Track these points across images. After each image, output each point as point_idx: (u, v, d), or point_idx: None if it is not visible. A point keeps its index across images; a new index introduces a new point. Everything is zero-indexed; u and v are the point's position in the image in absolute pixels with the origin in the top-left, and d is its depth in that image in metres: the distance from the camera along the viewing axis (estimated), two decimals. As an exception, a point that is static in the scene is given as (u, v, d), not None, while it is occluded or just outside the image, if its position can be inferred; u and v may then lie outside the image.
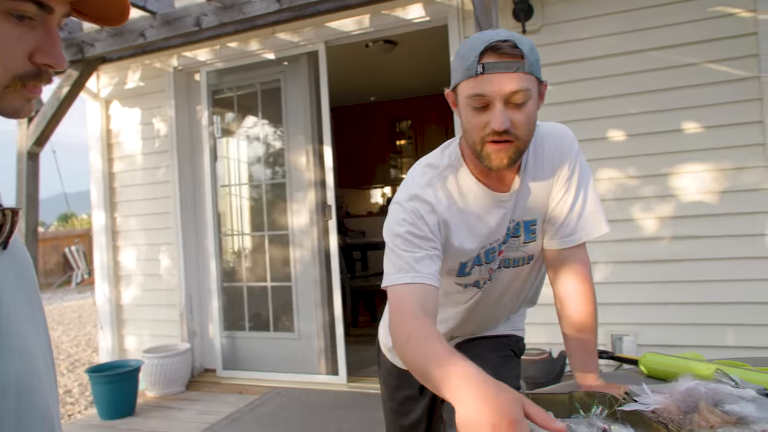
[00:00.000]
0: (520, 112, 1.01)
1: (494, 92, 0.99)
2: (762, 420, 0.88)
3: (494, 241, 1.19)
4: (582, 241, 1.21)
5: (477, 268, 1.21)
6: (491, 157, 1.04)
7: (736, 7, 2.85)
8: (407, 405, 1.48)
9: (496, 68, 0.98)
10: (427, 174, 1.15)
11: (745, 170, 2.84)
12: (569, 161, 1.19)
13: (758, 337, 2.83)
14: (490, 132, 1.01)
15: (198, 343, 4.21)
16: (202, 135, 4.19)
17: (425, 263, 1.06)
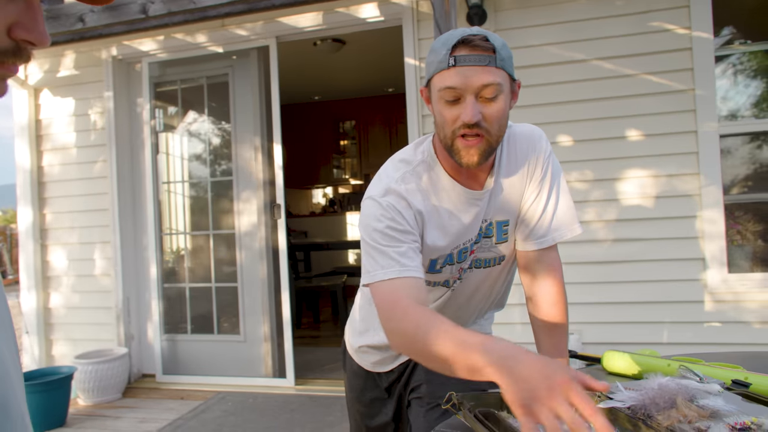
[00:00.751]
0: (490, 106, 1.01)
1: (465, 85, 1.00)
2: (732, 413, 0.92)
3: (467, 241, 1.18)
4: (555, 243, 1.23)
5: (448, 267, 1.20)
6: (461, 153, 1.04)
7: (672, 24, 3.02)
8: (374, 407, 1.45)
9: (468, 61, 0.99)
10: (400, 169, 1.14)
11: (681, 177, 3.01)
12: (542, 162, 1.20)
13: (688, 334, 3.02)
14: (461, 125, 1.02)
15: (136, 348, 4.00)
16: (142, 129, 4.00)
17: (410, 256, 1.05)
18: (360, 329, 1.40)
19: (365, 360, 1.41)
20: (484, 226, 1.19)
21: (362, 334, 1.39)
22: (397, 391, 1.40)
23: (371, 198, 1.11)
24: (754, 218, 3.11)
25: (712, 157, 2.96)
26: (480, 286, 1.29)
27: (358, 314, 1.42)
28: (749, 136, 3.12)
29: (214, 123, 4.01)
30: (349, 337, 1.47)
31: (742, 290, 2.95)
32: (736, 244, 3.08)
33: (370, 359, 1.39)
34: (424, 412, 1.27)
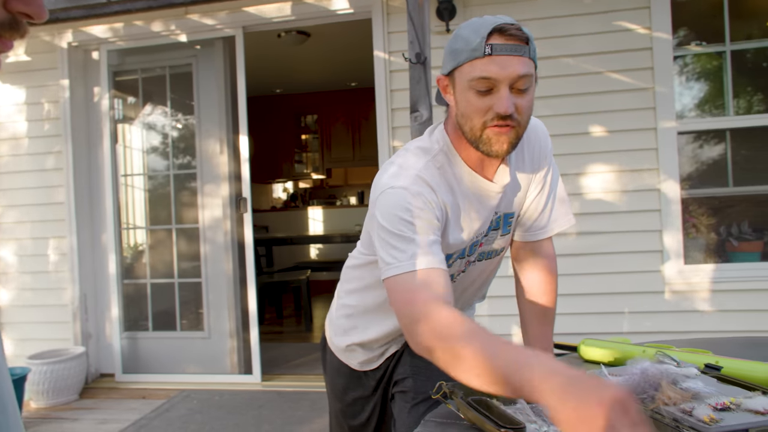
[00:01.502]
0: (523, 98, 0.99)
1: (501, 75, 0.96)
2: (712, 394, 0.96)
3: (480, 234, 1.17)
4: (552, 234, 1.26)
5: (458, 261, 1.18)
6: (491, 142, 1.01)
7: (634, 24, 3.12)
8: (357, 405, 1.42)
9: (504, 50, 0.96)
10: (421, 158, 1.09)
11: (642, 172, 3.12)
12: (546, 157, 1.21)
13: (647, 323, 3.14)
14: (494, 116, 0.99)
15: (93, 346, 3.86)
16: (100, 119, 3.84)
17: (437, 248, 1.00)
18: (346, 327, 1.36)
19: (352, 359, 1.37)
20: (494, 219, 1.18)
21: (348, 333, 1.35)
22: (381, 386, 1.38)
23: (399, 187, 1.03)
24: (707, 212, 3.26)
25: (671, 154, 3.08)
26: (478, 278, 1.30)
27: (343, 311, 1.37)
28: (702, 133, 3.26)
29: (177, 114, 3.90)
30: (332, 336, 1.42)
31: (697, 281, 3.09)
32: (691, 237, 3.22)
33: (358, 358, 1.36)
34: (410, 408, 1.26)
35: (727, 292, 3.06)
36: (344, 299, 1.37)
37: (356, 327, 1.34)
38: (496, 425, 0.88)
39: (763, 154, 3.33)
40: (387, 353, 1.34)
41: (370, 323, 1.31)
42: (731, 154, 3.21)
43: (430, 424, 1.05)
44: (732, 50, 3.18)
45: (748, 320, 3.02)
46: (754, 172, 3.29)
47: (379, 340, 1.31)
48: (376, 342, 1.32)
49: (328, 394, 1.50)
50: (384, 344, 1.33)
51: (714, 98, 3.29)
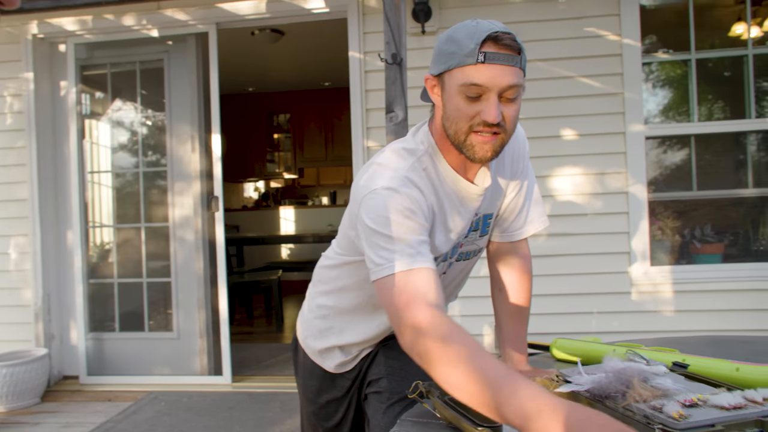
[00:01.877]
0: (511, 107, 1.00)
1: (492, 84, 0.97)
2: (681, 391, 0.99)
3: (461, 235, 1.18)
4: (528, 235, 1.28)
5: (442, 264, 1.19)
6: (475, 148, 1.01)
7: (605, 30, 3.19)
8: (330, 407, 1.40)
9: (497, 59, 0.96)
10: (407, 159, 1.08)
11: (610, 175, 3.19)
12: (523, 159, 1.23)
13: (614, 323, 3.21)
14: (480, 123, 0.99)
15: (57, 348, 3.75)
16: (67, 115, 3.74)
17: (425, 248, 0.99)
18: (321, 328, 1.34)
19: (328, 362, 1.35)
20: (475, 220, 1.19)
21: (324, 334, 1.33)
22: (354, 387, 1.37)
23: (386, 188, 1.02)
24: (672, 215, 3.35)
25: (638, 157, 3.16)
26: (455, 278, 1.30)
27: (318, 312, 1.35)
28: (669, 138, 3.35)
29: (147, 111, 3.82)
30: (305, 338, 1.39)
31: (662, 282, 3.18)
32: (657, 239, 3.31)
33: (335, 361, 1.34)
34: (385, 408, 1.25)
35: (691, 293, 3.15)
36: (319, 300, 1.35)
37: (332, 328, 1.32)
38: (473, 423, 0.88)
39: (725, 159, 3.45)
40: (362, 354, 1.34)
41: (346, 325, 1.30)
42: (695, 159, 3.31)
43: (406, 423, 1.05)
44: (697, 58, 3.29)
45: (711, 320, 3.12)
46: (716, 176, 3.41)
47: (359, 344, 1.30)
48: (355, 346, 1.31)
49: (300, 395, 1.47)
50: (362, 348, 1.32)
51: (679, 104, 3.39)
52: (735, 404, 0.91)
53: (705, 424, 0.85)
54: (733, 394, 0.94)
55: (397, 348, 1.19)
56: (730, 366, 1.15)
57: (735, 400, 0.92)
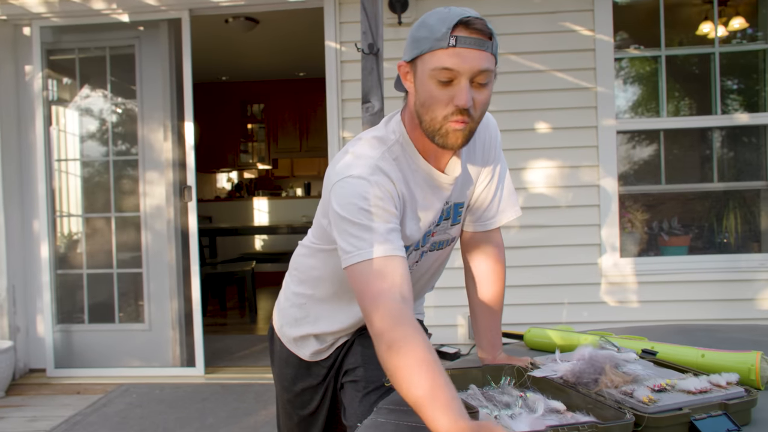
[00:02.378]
0: (481, 93, 1.00)
1: (463, 68, 0.97)
2: (650, 377, 1.02)
3: (432, 224, 1.18)
4: (501, 224, 1.29)
5: (413, 253, 1.19)
6: (448, 135, 1.01)
7: (578, 25, 3.24)
8: (306, 395, 1.41)
9: (468, 43, 0.97)
10: (377, 148, 1.09)
11: (582, 168, 3.25)
12: (495, 149, 1.24)
13: (585, 314, 3.28)
14: (454, 110, 0.99)
15: (22, 340, 3.66)
16: (32, 100, 3.62)
17: (395, 236, 1.00)
18: (297, 316, 1.34)
19: (304, 350, 1.35)
20: (446, 209, 1.20)
21: (299, 322, 1.34)
22: (330, 375, 1.37)
23: (356, 177, 1.02)
24: (642, 208, 3.44)
25: (610, 151, 3.22)
26: (430, 269, 1.30)
27: (294, 300, 1.35)
28: (639, 133, 3.43)
29: (117, 98, 3.72)
30: (281, 326, 1.40)
31: (631, 273, 3.26)
32: (627, 231, 3.39)
33: (310, 349, 1.34)
34: (361, 397, 1.26)
35: (659, 284, 3.24)
36: (295, 288, 1.35)
37: (308, 317, 1.32)
38: (450, 410, 0.89)
39: (692, 154, 3.54)
40: (337, 343, 1.34)
41: (322, 313, 1.30)
42: (664, 154, 3.39)
43: (383, 411, 1.06)
44: (666, 55, 3.36)
45: (678, 310, 3.21)
46: (683, 171, 3.50)
47: (334, 333, 1.31)
48: (330, 335, 1.31)
49: (275, 384, 1.47)
50: (337, 336, 1.32)
51: (649, 100, 3.47)
52: (701, 388, 0.94)
53: (673, 408, 0.88)
54: (699, 378, 0.97)
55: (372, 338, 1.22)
56: (696, 353, 1.19)
57: (701, 384, 0.95)
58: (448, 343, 3.29)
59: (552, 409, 0.96)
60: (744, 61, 3.49)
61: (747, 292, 3.21)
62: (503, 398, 1.03)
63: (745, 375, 1.06)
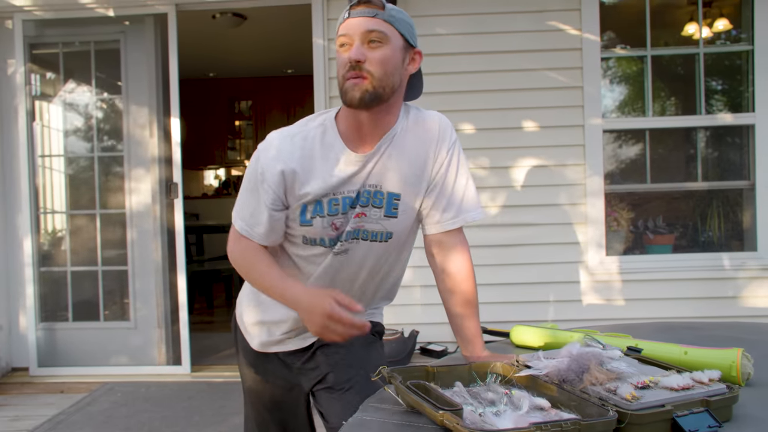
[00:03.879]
0: (374, 51, 1.13)
1: (352, 30, 1.13)
2: (634, 374, 1.03)
3: (338, 193, 1.21)
4: (464, 224, 1.29)
5: (319, 219, 1.21)
6: (347, 91, 1.14)
7: (566, 24, 3.26)
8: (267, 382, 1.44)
9: (358, 13, 1.14)
10: (296, 128, 1.25)
11: (569, 167, 3.27)
12: (447, 146, 1.26)
13: (571, 312, 3.31)
14: (348, 67, 1.13)
15: (4, 339, 3.60)
16: (14, 95, 3.56)
17: (260, 219, 1.22)
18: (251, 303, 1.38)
19: (254, 340, 1.39)
20: (372, 191, 1.22)
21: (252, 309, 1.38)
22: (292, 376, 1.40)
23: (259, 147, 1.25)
24: (627, 206, 3.47)
25: (596, 150, 3.24)
26: (369, 263, 1.29)
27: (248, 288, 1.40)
28: (625, 132, 3.46)
29: (102, 93, 3.68)
30: (240, 314, 1.44)
31: (617, 271, 3.28)
32: (613, 229, 3.42)
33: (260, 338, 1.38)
34: (339, 396, 1.27)
35: (644, 282, 3.28)
36: None
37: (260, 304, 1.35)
38: (435, 407, 0.89)
39: (677, 153, 3.58)
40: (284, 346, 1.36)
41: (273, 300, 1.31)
42: (650, 153, 3.42)
43: (369, 409, 1.06)
44: (652, 55, 3.39)
45: (662, 308, 3.25)
46: (668, 170, 3.54)
47: (280, 323, 1.33)
48: (277, 325, 1.33)
49: (241, 375, 1.49)
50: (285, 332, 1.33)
51: (635, 99, 3.50)
52: (683, 385, 0.95)
53: (655, 405, 0.89)
54: (682, 375, 0.98)
55: (335, 344, 1.28)
56: (679, 350, 1.20)
57: (684, 381, 0.96)
58: (435, 341, 3.30)
59: (537, 407, 0.96)
60: (728, 62, 3.54)
61: (729, 290, 3.25)
62: (488, 395, 1.03)
63: (726, 372, 1.07)
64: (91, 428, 2.80)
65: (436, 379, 1.10)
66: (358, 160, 1.21)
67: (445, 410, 0.88)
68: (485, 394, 1.04)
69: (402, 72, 1.19)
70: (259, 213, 1.22)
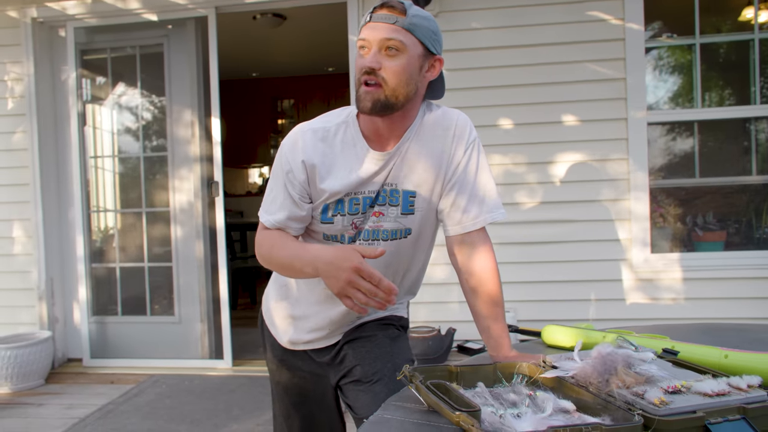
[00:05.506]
0: (391, 60, 1.12)
1: (371, 36, 1.12)
2: (665, 378, 0.99)
3: (359, 193, 1.21)
4: (485, 224, 1.27)
5: (339, 218, 1.22)
6: (360, 98, 1.14)
7: (607, 14, 3.15)
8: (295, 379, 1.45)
9: (379, 18, 1.13)
10: (319, 122, 1.26)
11: (611, 161, 3.17)
12: (463, 146, 1.24)
13: (612, 311, 3.20)
14: (363, 73, 1.13)
15: (60, 331, 3.79)
16: (67, 99, 3.74)
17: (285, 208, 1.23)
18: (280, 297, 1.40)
19: (283, 336, 1.40)
20: (389, 190, 1.23)
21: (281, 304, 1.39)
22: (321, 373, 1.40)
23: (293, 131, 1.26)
24: (674, 202, 3.32)
25: (640, 144, 3.12)
26: (390, 261, 1.28)
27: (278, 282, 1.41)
28: (671, 124, 3.32)
29: (147, 95, 3.81)
30: (267, 311, 1.45)
31: (663, 269, 3.16)
32: (659, 226, 3.29)
33: (288, 336, 1.38)
34: (366, 389, 1.27)
35: (692, 281, 3.14)
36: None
37: (289, 297, 1.37)
38: (452, 408, 0.88)
39: (729, 146, 3.41)
40: (313, 344, 1.37)
41: (301, 294, 1.35)
42: (698, 146, 3.27)
43: (390, 407, 1.05)
44: (701, 43, 3.23)
45: (712, 308, 3.10)
46: (719, 163, 3.37)
47: (309, 318, 1.34)
48: (305, 320, 1.34)
49: (269, 371, 1.50)
50: (310, 330, 1.35)
51: (683, 90, 3.35)
52: (718, 391, 0.90)
53: (686, 410, 0.85)
54: (718, 380, 0.93)
55: (362, 338, 1.31)
56: (719, 353, 1.14)
57: (719, 386, 0.91)
58: (472, 339, 3.26)
59: (561, 409, 0.94)
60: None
61: (787, 289, 3.08)
62: (510, 397, 1.01)
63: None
64: (138, 418, 2.91)
65: (459, 379, 1.08)
66: (379, 158, 1.22)
67: (462, 411, 0.86)
68: (507, 396, 1.02)
69: (419, 80, 1.18)
70: (284, 206, 1.23)
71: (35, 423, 2.95)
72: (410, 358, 1.36)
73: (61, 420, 2.94)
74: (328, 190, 1.21)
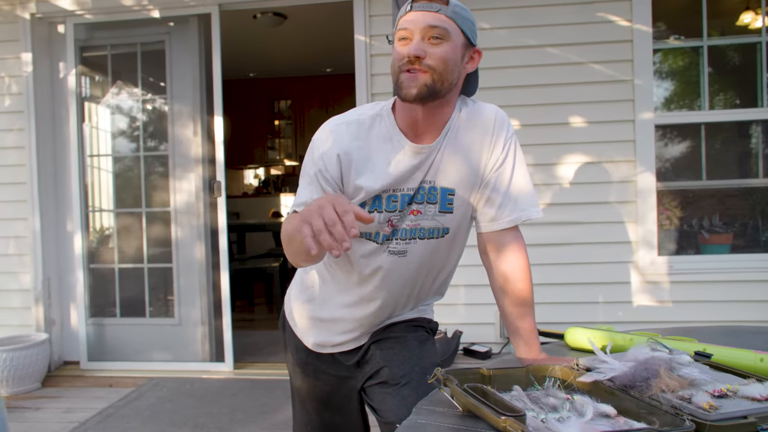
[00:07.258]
0: (435, 47, 1.10)
1: (413, 25, 1.10)
2: (708, 381, 0.96)
3: (398, 189, 1.18)
4: (519, 222, 1.25)
5: (376, 215, 1.19)
6: (403, 85, 1.11)
7: (615, 16, 3.13)
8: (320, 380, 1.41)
9: (421, 7, 1.11)
10: (352, 115, 1.22)
11: (618, 163, 3.15)
12: (502, 141, 1.21)
13: (619, 313, 3.18)
14: (406, 60, 1.10)
15: (57, 333, 3.72)
16: (66, 97, 3.68)
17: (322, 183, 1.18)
18: (305, 299, 1.37)
19: (308, 338, 1.37)
20: (427, 187, 1.20)
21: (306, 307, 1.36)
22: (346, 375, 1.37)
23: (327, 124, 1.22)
24: (680, 204, 3.32)
25: (647, 146, 3.11)
26: (425, 261, 1.26)
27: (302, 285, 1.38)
28: (678, 126, 3.31)
29: (148, 94, 3.76)
30: (290, 312, 1.42)
31: (669, 271, 3.14)
32: (665, 228, 3.28)
33: (314, 338, 1.36)
34: (393, 392, 1.24)
35: (698, 283, 3.12)
36: (304, 274, 1.39)
37: (315, 299, 1.34)
38: (496, 412, 0.85)
39: (735, 148, 3.41)
40: (342, 347, 1.34)
41: (327, 296, 1.32)
42: (705, 148, 3.27)
43: (422, 411, 1.02)
44: (709, 45, 3.23)
45: (718, 310, 3.09)
46: (726, 166, 3.37)
47: (336, 321, 1.31)
48: (333, 323, 1.31)
49: (290, 374, 1.47)
50: (340, 332, 1.32)
51: (690, 92, 3.34)
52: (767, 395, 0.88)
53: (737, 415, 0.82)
54: (765, 385, 0.90)
55: (390, 339, 1.29)
56: (754, 356, 1.12)
57: (767, 391, 0.88)
58: (479, 342, 3.23)
59: (601, 413, 0.91)
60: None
61: (793, 292, 3.07)
62: (549, 401, 0.98)
63: (812, 382, 0.98)
64: (139, 422, 2.85)
65: (492, 382, 1.05)
66: (418, 151, 1.18)
67: (507, 416, 0.83)
68: (546, 399, 0.98)
69: (460, 69, 1.16)
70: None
71: (34, 427, 2.88)
72: (437, 362, 1.33)
73: (60, 424, 2.88)
74: (364, 186, 1.17)
